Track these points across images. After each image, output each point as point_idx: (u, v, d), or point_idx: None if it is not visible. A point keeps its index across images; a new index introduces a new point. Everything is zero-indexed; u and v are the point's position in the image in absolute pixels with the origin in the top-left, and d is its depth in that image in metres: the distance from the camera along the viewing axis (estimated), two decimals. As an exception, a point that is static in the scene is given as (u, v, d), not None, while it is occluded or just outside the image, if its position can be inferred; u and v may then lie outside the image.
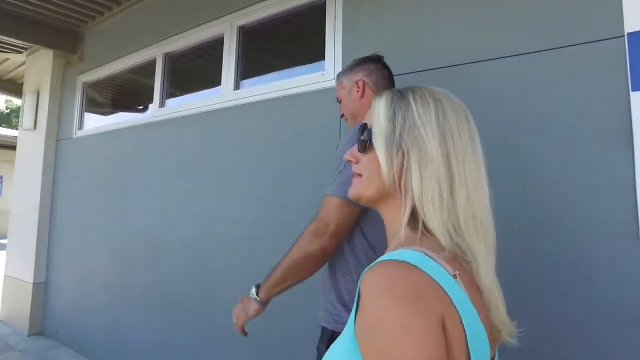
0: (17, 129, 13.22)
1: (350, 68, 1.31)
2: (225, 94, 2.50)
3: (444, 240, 0.55)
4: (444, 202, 0.56)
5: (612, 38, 1.32)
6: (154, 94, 3.04)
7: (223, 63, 2.54)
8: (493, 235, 0.60)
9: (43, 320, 3.87)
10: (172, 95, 3.03)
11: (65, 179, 3.87)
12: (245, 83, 2.50)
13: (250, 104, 2.36)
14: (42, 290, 3.91)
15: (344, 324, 0.76)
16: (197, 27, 2.76)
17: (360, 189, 0.65)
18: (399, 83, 1.90)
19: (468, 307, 0.50)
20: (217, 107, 2.54)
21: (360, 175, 0.65)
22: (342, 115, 1.35)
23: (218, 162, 2.48)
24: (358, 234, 1.09)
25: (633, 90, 1.27)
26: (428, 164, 0.57)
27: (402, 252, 0.53)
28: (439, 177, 0.57)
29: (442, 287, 0.49)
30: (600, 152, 1.30)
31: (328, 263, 1.15)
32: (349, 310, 1.00)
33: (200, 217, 2.54)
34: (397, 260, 0.51)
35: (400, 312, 0.45)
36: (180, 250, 2.64)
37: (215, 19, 2.64)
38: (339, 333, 0.64)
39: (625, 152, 1.26)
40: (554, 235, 1.34)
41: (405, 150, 0.59)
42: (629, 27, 1.29)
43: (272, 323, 1.93)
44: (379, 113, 0.63)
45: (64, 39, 3.87)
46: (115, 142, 3.35)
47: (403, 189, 0.59)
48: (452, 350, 0.47)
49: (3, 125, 21.47)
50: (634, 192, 1.24)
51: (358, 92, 1.27)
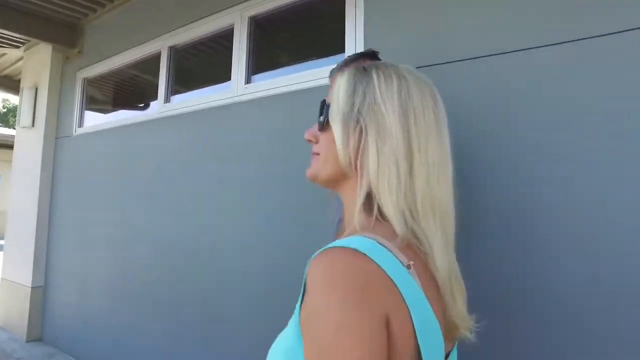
0: (14, 128, 13.08)
1: (345, 64, 1.24)
2: (236, 89, 2.36)
3: (399, 227, 0.52)
4: (402, 182, 0.52)
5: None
6: (159, 90, 2.89)
7: (233, 56, 2.40)
8: (452, 223, 0.56)
9: (42, 326, 3.73)
10: (177, 91, 2.89)
11: (65, 179, 3.72)
12: (257, 77, 2.36)
13: (263, 99, 2.22)
14: (40, 295, 3.76)
15: None
16: (204, 18, 2.62)
17: (316, 169, 0.62)
18: (426, 74, 1.79)
19: (419, 300, 0.48)
20: (227, 102, 2.40)
21: (318, 155, 0.62)
22: None
23: (228, 158, 2.34)
24: None
25: None
26: (386, 141, 0.53)
27: (353, 239, 0.49)
28: (398, 155, 0.53)
29: (391, 279, 0.46)
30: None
31: None
32: None
33: (208, 217, 2.40)
34: (346, 248, 0.47)
35: (340, 307, 0.43)
36: (187, 253, 2.50)
37: (224, 9, 2.50)
38: None
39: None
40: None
41: (364, 127, 0.55)
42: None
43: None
44: (339, 88, 0.59)
45: (63, 33, 3.72)
46: (118, 139, 3.20)
47: (359, 168, 0.56)
48: (394, 346, 0.45)
49: (0, 125, 21.27)
50: None
51: None
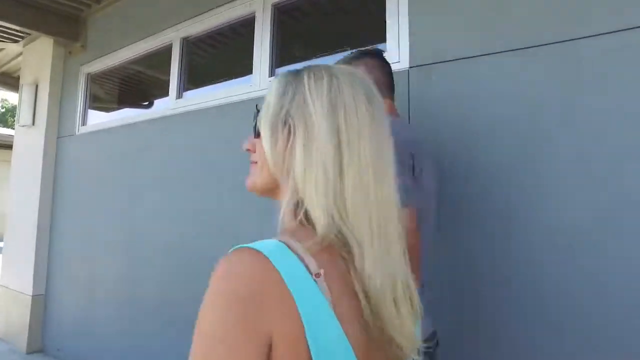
0: (13, 128, 12.84)
1: (348, 61, 1.20)
2: (259, 82, 2.15)
3: (320, 227, 0.49)
4: (329, 183, 0.50)
5: None
6: (171, 84, 2.68)
7: (255, 47, 2.19)
8: (397, 225, 0.53)
9: (43, 337, 3.51)
10: (189, 87, 2.67)
11: (68, 180, 3.50)
12: (283, 70, 2.15)
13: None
14: (42, 303, 3.54)
15: None
16: (221, 6, 2.40)
17: (252, 178, 0.61)
18: (476, 66, 1.59)
19: (321, 317, 0.44)
20: (248, 96, 2.19)
21: (256, 163, 0.61)
22: None
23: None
24: None
25: None
26: (314, 141, 0.51)
27: (264, 241, 0.47)
28: (325, 155, 0.50)
29: (289, 290, 0.43)
30: None
31: None
32: None
33: (226, 218, 2.19)
34: (250, 250, 0.46)
35: (219, 316, 0.43)
36: (199, 257, 2.28)
37: (244, -4, 2.29)
38: None
39: None
40: None
41: (292, 128, 0.53)
42: None
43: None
44: (270, 92, 0.59)
45: (65, 25, 3.50)
46: (124, 138, 2.99)
47: (287, 172, 0.54)
48: (276, 357, 0.43)
49: (-1, 125, 21.01)
50: None
51: None
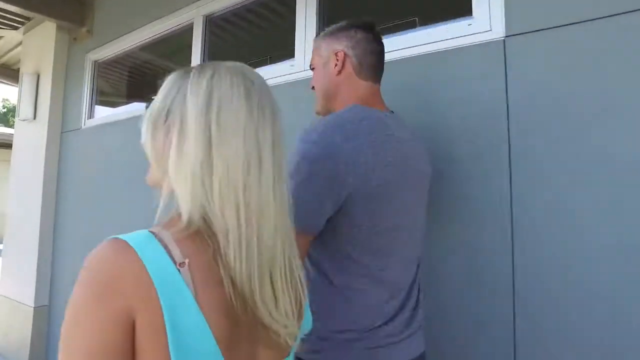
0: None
1: (333, 32, 1.10)
2: (302, 63, 1.80)
3: (187, 217, 0.51)
4: (197, 176, 0.52)
5: None
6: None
7: (297, 24, 1.84)
8: (273, 218, 0.54)
9: (47, 353, 3.17)
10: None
11: (73, 178, 3.16)
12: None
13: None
14: (45, 316, 3.21)
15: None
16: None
17: (150, 177, 0.62)
18: (583, 33, 1.26)
19: (182, 303, 0.47)
20: (289, 79, 1.84)
21: None
22: (312, 88, 1.13)
23: (290, 144, 1.78)
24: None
25: None
26: (187, 135, 0.53)
27: (136, 232, 0.50)
28: (197, 149, 0.52)
29: (151, 278, 0.46)
30: None
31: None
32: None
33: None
34: (118, 240, 0.49)
35: (82, 299, 0.47)
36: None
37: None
38: None
39: None
40: None
41: (171, 124, 0.56)
42: None
43: None
44: (159, 91, 0.60)
45: (70, 8, 3.16)
46: (136, 132, 2.64)
47: (163, 166, 0.56)
48: (141, 344, 0.46)
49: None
50: None
51: (336, 66, 1.05)
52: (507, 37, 1.31)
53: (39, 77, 3.36)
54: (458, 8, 1.44)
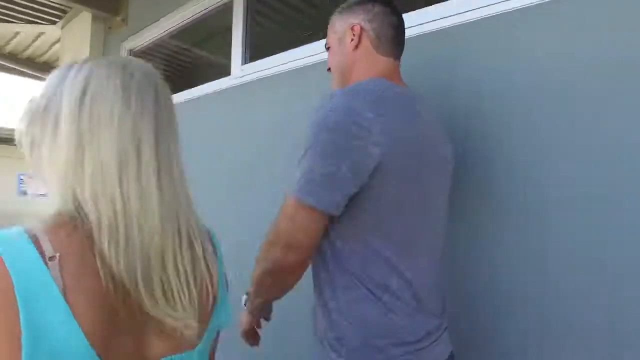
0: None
1: (348, 7, 1.03)
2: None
3: (60, 210, 0.52)
4: (70, 169, 0.52)
5: None
6: (233, 50, 2.13)
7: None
8: (159, 210, 0.53)
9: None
10: (252, 57, 2.12)
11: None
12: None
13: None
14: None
15: None
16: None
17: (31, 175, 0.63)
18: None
19: (45, 300, 0.46)
20: (323, 57, 1.60)
21: None
22: (328, 69, 1.06)
23: None
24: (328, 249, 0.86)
25: None
26: (60, 129, 0.53)
27: (7, 230, 0.50)
28: (68, 143, 0.52)
29: (10, 274, 0.45)
30: None
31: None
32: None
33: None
34: None
35: None
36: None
37: None
38: None
39: None
40: None
41: (47, 119, 0.54)
42: None
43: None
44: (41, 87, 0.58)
45: (105, -4, 3.06)
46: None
47: (37, 162, 0.56)
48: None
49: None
50: None
51: (352, 41, 0.98)
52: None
53: (76, 69, 3.29)
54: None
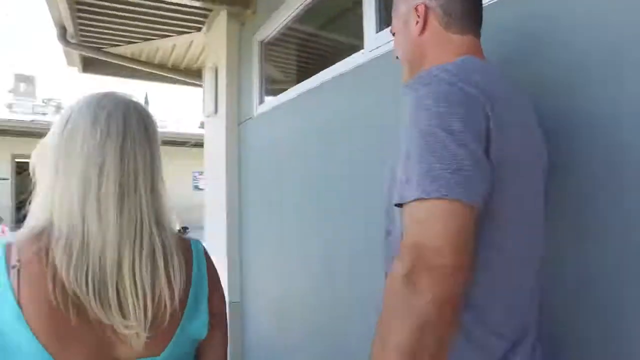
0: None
1: None
2: None
3: (33, 224, 0.63)
4: (48, 194, 0.64)
5: None
6: (365, 20, 1.74)
7: None
8: (113, 226, 0.62)
9: (243, 349, 3.15)
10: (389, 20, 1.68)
11: (252, 173, 3.00)
12: None
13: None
14: (238, 311, 3.18)
15: None
16: None
17: None
18: None
19: (1, 300, 0.57)
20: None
21: None
22: (397, 58, 0.95)
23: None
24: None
25: None
26: (46, 157, 0.67)
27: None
28: (50, 167, 0.65)
29: None
30: None
31: None
32: None
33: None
34: None
35: None
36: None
37: None
38: None
39: None
40: None
41: (44, 152, 0.68)
42: None
43: None
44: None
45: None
46: (308, 108, 2.23)
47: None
48: None
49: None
50: None
51: (417, 23, 0.85)
52: None
53: (217, 71, 3.34)
54: None
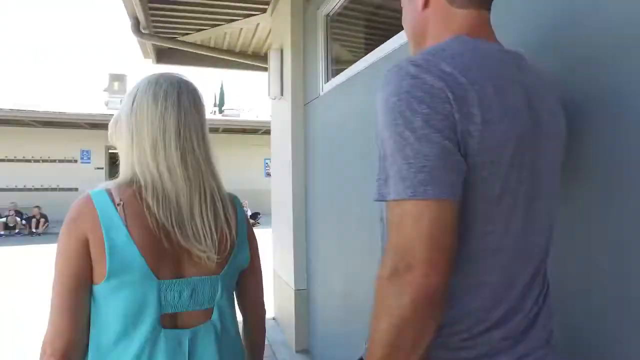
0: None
1: None
2: None
3: (124, 176, 0.86)
4: (129, 153, 0.86)
5: None
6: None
7: None
8: (180, 178, 0.84)
9: (310, 336, 3.06)
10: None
11: (318, 154, 2.86)
12: None
13: None
14: (305, 298, 3.10)
15: None
16: None
17: None
18: None
19: (115, 227, 0.79)
20: None
21: None
22: None
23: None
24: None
25: None
26: (122, 126, 0.89)
27: (96, 188, 0.85)
28: (125, 135, 0.88)
29: (97, 212, 0.79)
30: None
31: None
32: None
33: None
34: (84, 194, 0.83)
35: (61, 233, 0.80)
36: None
37: None
38: None
39: None
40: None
41: (119, 121, 0.92)
42: None
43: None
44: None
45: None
46: (378, 80, 2.02)
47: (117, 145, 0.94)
48: (94, 255, 0.79)
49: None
50: None
51: None
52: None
53: (282, 52, 3.23)
54: None
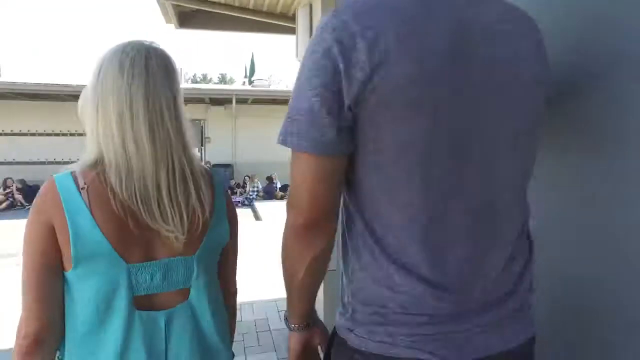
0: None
1: None
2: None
3: (87, 157, 0.83)
4: (94, 130, 0.83)
5: None
6: None
7: None
8: (148, 153, 0.81)
9: (333, 314, 2.05)
10: None
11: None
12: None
13: None
14: (334, 279, 2.15)
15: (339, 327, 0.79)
16: None
17: None
18: None
19: (78, 211, 0.78)
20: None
21: None
22: None
23: None
24: (353, 210, 0.74)
25: None
26: (88, 99, 0.86)
27: (61, 172, 0.83)
28: (92, 106, 0.83)
29: (61, 197, 0.78)
30: None
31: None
32: (343, 315, 0.80)
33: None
34: (50, 178, 0.82)
35: (28, 219, 0.80)
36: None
37: None
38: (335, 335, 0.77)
39: None
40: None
41: (85, 93, 0.91)
42: None
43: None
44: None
45: None
46: None
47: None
48: (60, 241, 0.79)
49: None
50: None
51: None
52: None
53: (311, 8, 3.01)
54: None
